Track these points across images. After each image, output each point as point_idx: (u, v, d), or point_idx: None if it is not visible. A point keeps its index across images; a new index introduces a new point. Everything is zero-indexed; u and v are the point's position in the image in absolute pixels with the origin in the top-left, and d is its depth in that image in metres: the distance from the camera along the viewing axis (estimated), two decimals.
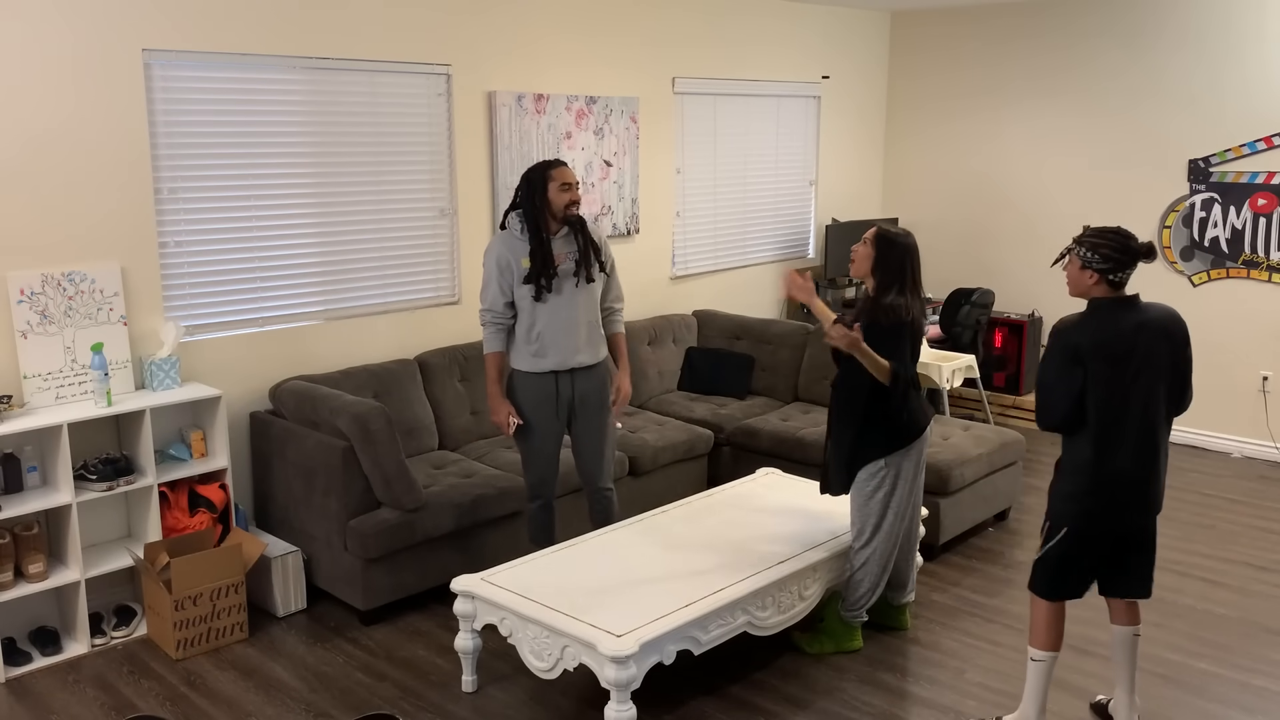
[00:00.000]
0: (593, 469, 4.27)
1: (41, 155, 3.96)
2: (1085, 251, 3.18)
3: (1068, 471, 3.25)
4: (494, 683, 3.81)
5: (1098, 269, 3.16)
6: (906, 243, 3.79)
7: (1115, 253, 3.14)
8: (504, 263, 4.05)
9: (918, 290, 3.82)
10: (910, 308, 3.75)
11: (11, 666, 3.89)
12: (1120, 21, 6.62)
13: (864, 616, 4.01)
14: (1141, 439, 3.17)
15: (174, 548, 4.10)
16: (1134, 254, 3.15)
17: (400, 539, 4.20)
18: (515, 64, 5.43)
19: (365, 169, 4.91)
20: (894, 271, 3.77)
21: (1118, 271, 3.15)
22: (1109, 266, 3.15)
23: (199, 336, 4.48)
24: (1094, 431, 3.16)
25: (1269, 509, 5.58)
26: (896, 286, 3.76)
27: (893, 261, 3.77)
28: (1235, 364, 6.44)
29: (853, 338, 3.60)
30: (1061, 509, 3.26)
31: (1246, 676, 3.87)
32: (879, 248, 3.79)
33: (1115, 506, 3.20)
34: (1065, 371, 3.14)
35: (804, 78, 7.10)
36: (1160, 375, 3.17)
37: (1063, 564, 3.29)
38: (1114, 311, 3.16)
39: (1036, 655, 3.36)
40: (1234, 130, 6.28)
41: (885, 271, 3.78)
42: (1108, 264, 3.15)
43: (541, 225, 4.01)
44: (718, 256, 6.79)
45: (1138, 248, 3.16)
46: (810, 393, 5.89)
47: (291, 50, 4.58)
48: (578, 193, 4.04)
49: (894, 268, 3.77)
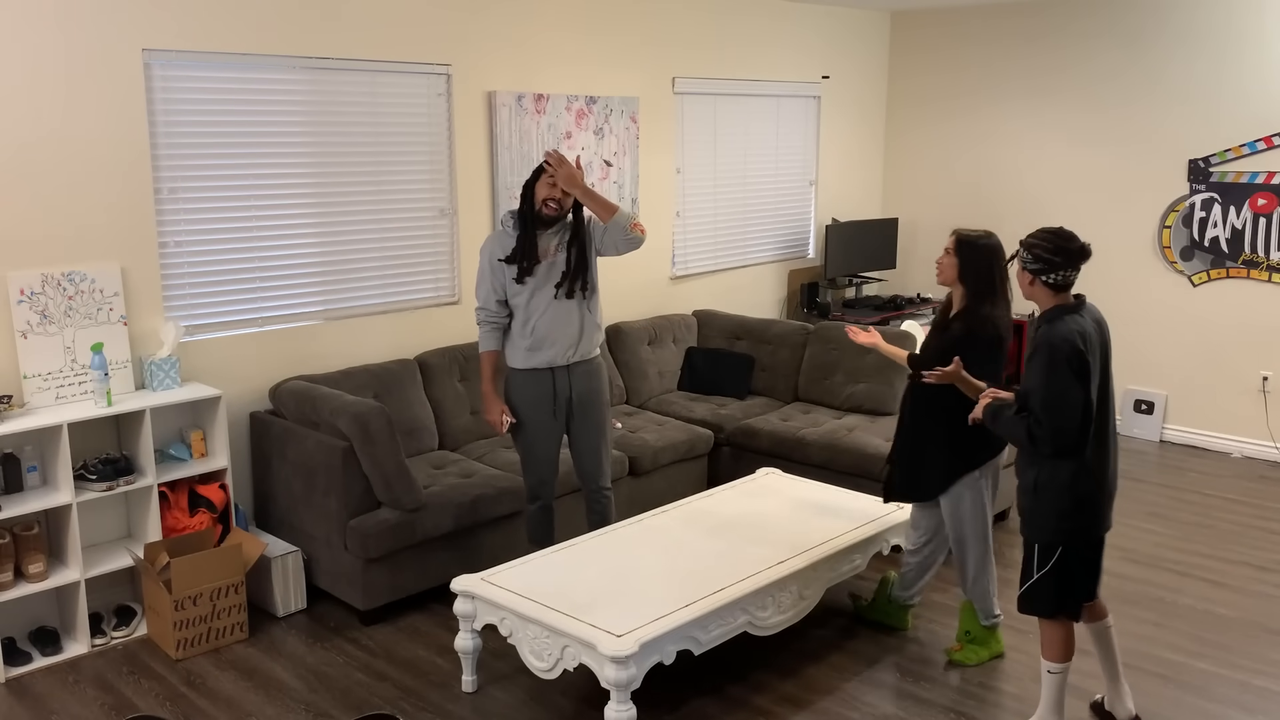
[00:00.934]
0: (591, 468, 4.27)
1: (42, 155, 3.96)
2: (1023, 253, 3.15)
3: (1052, 489, 3.15)
4: (494, 683, 3.81)
5: (1030, 270, 3.13)
6: (989, 244, 3.65)
7: (1048, 254, 3.09)
8: (496, 260, 4.06)
9: (1006, 294, 3.68)
10: (1004, 318, 3.63)
11: (11, 666, 3.89)
12: (1120, 22, 6.62)
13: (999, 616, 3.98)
14: (1111, 443, 3.19)
15: (174, 548, 4.10)
16: (1070, 254, 3.09)
17: (400, 539, 4.20)
18: (515, 64, 5.43)
19: (365, 169, 4.91)
20: (984, 278, 3.63)
21: (1051, 273, 3.10)
22: (1041, 267, 3.11)
23: (199, 336, 4.48)
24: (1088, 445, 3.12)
25: (1269, 509, 5.58)
26: (989, 295, 3.62)
27: (981, 267, 3.63)
28: (1235, 364, 6.44)
29: (952, 374, 3.43)
30: (1056, 527, 3.18)
31: (1246, 676, 3.87)
32: (962, 254, 3.64)
33: (1100, 514, 3.20)
34: (1075, 382, 3.02)
35: (804, 78, 7.10)
36: (1108, 377, 3.17)
37: (1066, 582, 3.24)
38: (1075, 313, 3.11)
39: (1053, 668, 3.34)
40: (1234, 130, 6.28)
41: (976, 279, 3.63)
42: (1039, 264, 3.11)
43: (530, 218, 4.03)
44: (718, 256, 6.79)
45: (1074, 248, 3.10)
46: (810, 393, 5.89)
47: (291, 50, 4.58)
48: (558, 190, 3.99)
49: (983, 274, 3.63)
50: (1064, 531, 3.18)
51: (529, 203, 4.04)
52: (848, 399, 5.69)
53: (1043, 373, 3.04)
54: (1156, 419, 6.75)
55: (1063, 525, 3.17)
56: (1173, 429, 6.74)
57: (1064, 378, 3.01)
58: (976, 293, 3.63)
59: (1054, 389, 3.03)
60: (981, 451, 3.75)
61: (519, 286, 4.04)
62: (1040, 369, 3.05)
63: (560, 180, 3.96)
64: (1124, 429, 6.88)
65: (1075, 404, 3.02)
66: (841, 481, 4.95)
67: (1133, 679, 3.83)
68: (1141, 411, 6.80)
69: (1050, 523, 3.18)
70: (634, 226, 4.02)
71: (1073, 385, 3.02)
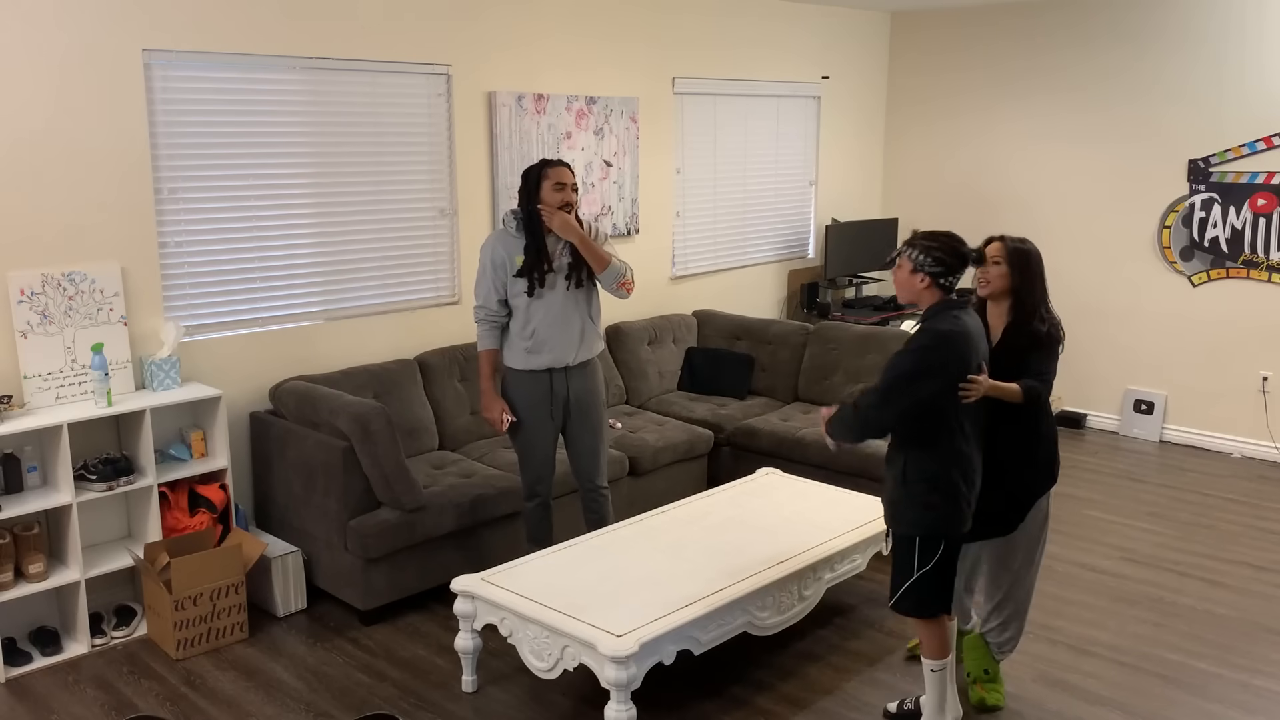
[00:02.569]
0: (588, 468, 4.28)
1: (42, 155, 3.96)
2: (918, 255, 3.15)
3: (921, 482, 3.16)
4: (494, 683, 3.81)
5: (929, 272, 3.14)
6: (1037, 250, 3.52)
7: (948, 256, 3.13)
8: (498, 260, 4.06)
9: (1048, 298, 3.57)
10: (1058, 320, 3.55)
11: (11, 666, 3.89)
12: (1120, 22, 6.62)
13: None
14: (977, 445, 3.23)
15: (174, 548, 4.10)
16: (964, 259, 3.15)
17: (400, 539, 4.20)
18: (515, 64, 5.43)
19: (365, 169, 4.91)
20: (1041, 283, 3.49)
21: (949, 275, 3.14)
22: (941, 270, 3.13)
23: (199, 336, 4.48)
24: (959, 437, 3.15)
25: (1269, 509, 5.58)
26: (1046, 298, 3.50)
27: (1037, 274, 3.49)
28: (1235, 364, 6.44)
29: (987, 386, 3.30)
30: (930, 519, 3.18)
31: (1246, 676, 3.87)
32: (1014, 263, 3.47)
33: (964, 512, 3.22)
34: (922, 379, 3.08)
35: (804, 78, 7.10)
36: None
37: (948, 577, 3.25)
38: (960, 309, 3.17)
39: (936, 666, 3.31)
40: (1234, 130, 6.28)
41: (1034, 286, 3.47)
42: (940, 267, 3.13)
43: (536, 222, 4.02)
44: (718, 256, 6.79)
45: (967, 252, 3.16)
46: (810, 393, 5.89)
47: (291, 50, 4.58)
48: (571, 194, 4.01)
49: (1040, 279, 3.50)
50: (936, 523, 3.19)
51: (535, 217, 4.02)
52: (848, 399, 5.68)
53: (904, 357, 3.11)
54: (1156, 419, 6.75)
55: (933, 517, 3.18)
56: (1172, 429, 6.74)
57: (916, 368, 3.09)
58: (1037, 299, 3.48)
59: (901, 374, 3.09)
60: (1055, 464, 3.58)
61: (520, 284, 4.05)
62: (904, 354, 3.11)
63: (555, 227, 3.97)
64: (1124, 429, 6.88)
65: (910, 397, 3.09)
66: (841, 481, 4.95)
67: (1133, 679, 3.84)
68: (1141, 411, 6.80)
69: (923, 515, 3.19)
70: (622, 285, 4.08)
71: (919, 380, 3.08)
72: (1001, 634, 3.65)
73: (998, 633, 3.65)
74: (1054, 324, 3.50)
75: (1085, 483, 5.98)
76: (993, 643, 3.66)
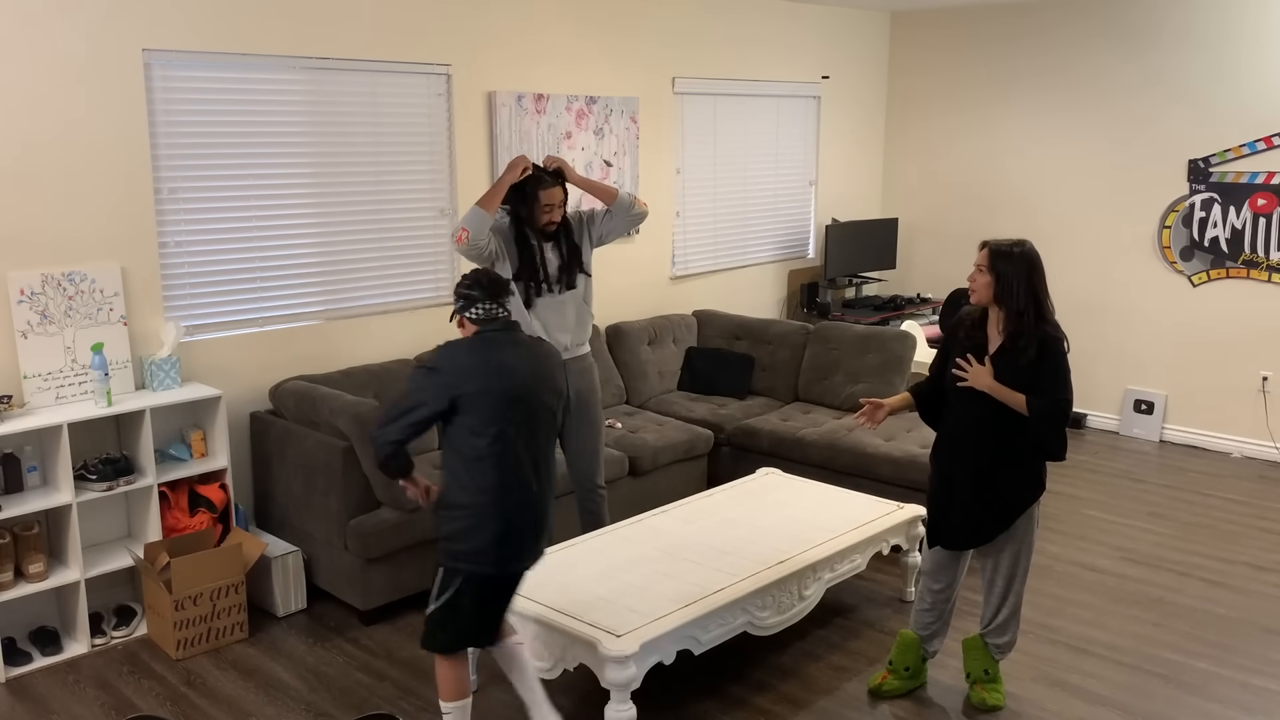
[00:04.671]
0: (585, 468, 4.28)
1: (42, 155, 3.96)
2: (456, 303, 3.11)
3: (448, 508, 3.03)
4: (494, 683, 3.81)
5: (458, 311, 3.10)
6: (1024, 251, 3.34)
7: (464, 290, 3.07)
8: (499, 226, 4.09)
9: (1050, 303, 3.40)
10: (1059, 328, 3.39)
11: (11, 666, 3.89)
12: (1120, 22, 6.62)
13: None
14: (541, 476, 3.08)
15: (174, 548, 4.10)
16: (482, 285, 3.07)
17: (400, 539, 4.21)
18: (515, 64, 5.43)
19: (365, 169, 4.91)
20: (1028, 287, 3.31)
21: (471, 307, 3.06)
22: (462, 304, 3.09)
23: (199, 336, 4.48)
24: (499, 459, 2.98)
25: (1269, 509, 5.58)
26: (1038, 307, 3.33)
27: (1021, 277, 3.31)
28: (1235, 364, 6.44)
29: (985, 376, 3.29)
30: (454, 551, 3.01)
31: (1246, 676, 3.87)
32: (995, 268, 3.33)
33: (510, 547, 3.03)
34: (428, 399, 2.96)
35: (804, 78, 7.10)
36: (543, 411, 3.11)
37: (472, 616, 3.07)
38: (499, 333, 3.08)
39: (451, 708, 3.13)
40: (1234, 130, 6.28)
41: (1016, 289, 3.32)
42: (461, 302, 3.09)
43: (530, 231, 4.08)
44: (718, 256, 6.79)
45: (490, 281, 3.08)
46: (810, 393, 5.89)
47: (291, 50, 4.58)
48: (557, 213, 4.08)
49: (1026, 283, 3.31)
50: (463, 556, 2.99)
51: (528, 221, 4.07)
52: (848, 399, 5.69)
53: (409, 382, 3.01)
54: (1156, 419, 6.75)
55: (460, 549, 3.00)
56: (1172, 429, 6.74)
57: (421, 387, 2.97)
58: (1021, 305, 3.32)
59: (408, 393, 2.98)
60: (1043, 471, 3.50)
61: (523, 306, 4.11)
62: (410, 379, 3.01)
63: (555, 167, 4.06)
64: (1124, 429, 6.88)
65: (410, 419, 2.96)
66: (841, 481, 4.95)
67: (1133, 679, 3.84)
68: (1141, 411, 6.80)
69: (445, 546, 3.03)
70: (636, 202, 4.20)
71: (424, 397, 2.95)
72: (1001, 636, 3.64)
73: (997, 634, 3.64)
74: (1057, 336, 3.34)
75: (1085, 483, 5.98)
76: (993, 644, 3.65)
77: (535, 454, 3.06)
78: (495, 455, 2.97)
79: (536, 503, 3.06)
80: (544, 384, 3.09)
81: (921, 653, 3.72)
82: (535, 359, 3.09)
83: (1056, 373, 3.33)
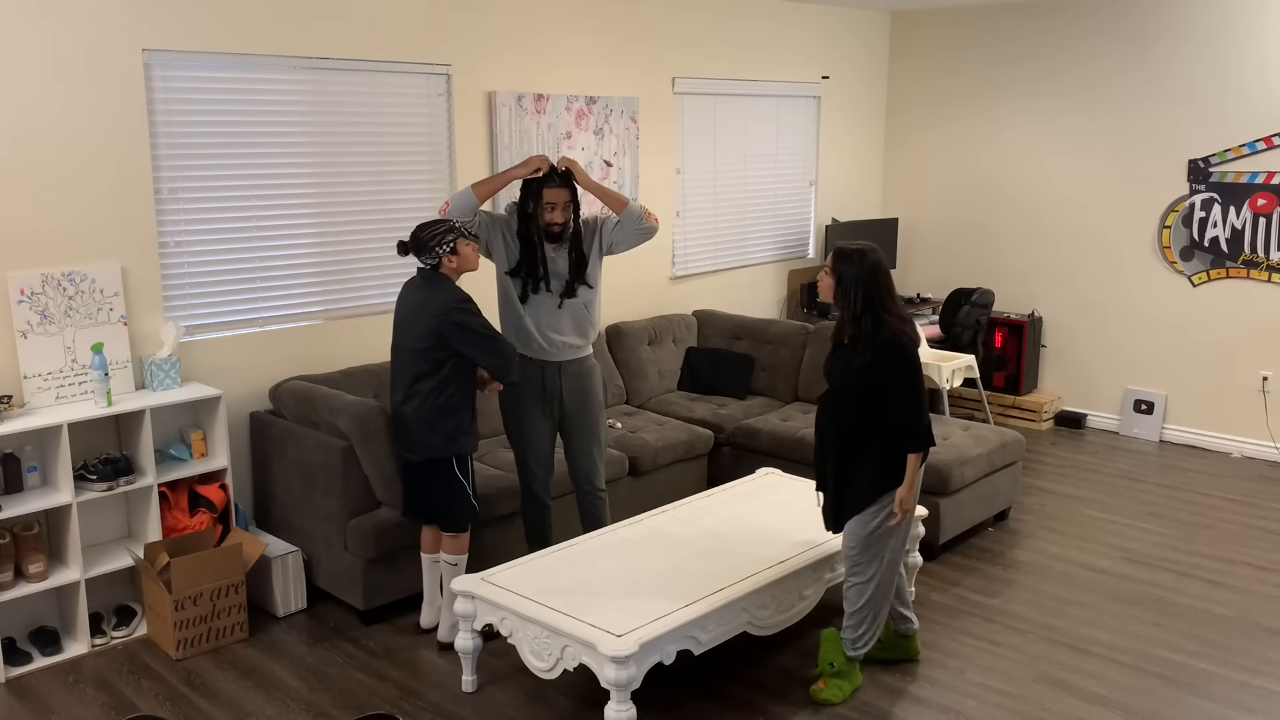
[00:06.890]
0: (585, 469, 4.28)
1: (42, 155, 3.96)
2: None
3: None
4: (494, 683, 3.81)
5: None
6: (865, 253, 3.38)
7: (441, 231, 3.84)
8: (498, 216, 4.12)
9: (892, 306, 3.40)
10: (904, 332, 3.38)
11: (11, 666, 3.89)
12: (1120, 22, 6.62)
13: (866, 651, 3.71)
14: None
15: (174, 548, 4.10)
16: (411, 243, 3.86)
17: (400, 539, 4.20)
18: (515, 64, 5.43)
19: (365, 169, 4.91)
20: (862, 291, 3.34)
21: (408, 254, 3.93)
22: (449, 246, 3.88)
23: (199, 336, 4.48)
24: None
25: (1269, 509, 5.58)
26: (869, 309, 3.36)
27: (857, 280, 3.36)
28: (1235, 364, 6.44)
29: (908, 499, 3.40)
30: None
31: (1246, 676, 3.87)
32: (834, 268, 3.40)
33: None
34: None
35: (804, 78, 7.10)
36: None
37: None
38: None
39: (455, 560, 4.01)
40: (1234, 130, 6.28)
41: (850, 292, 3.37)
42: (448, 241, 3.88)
43: (535, 230, 4.07)
44: (718, 256, 6.79)
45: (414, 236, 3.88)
46: (810, 393, 5.88)
47: (291, 50, 4.58)
48: (559, 214, 4.06)
49: (860, 286, 3.35)
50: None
51: (534, 219, 4.07)
52: None
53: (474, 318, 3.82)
54: (1156, 419, 6.75)
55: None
56: (1172, 429, 6.74)
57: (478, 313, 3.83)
58: (863, 313, 3.36)
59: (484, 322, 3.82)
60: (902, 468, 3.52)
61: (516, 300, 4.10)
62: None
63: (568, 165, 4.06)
64: (1124, 429, 6.88)
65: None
66: None
67: (1133, 679, 3.84)
68: (1141, 411, 6.80)
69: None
70: (647, 215, 4.15)
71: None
72: (854, 631, 3.64)
73: (851, 629, 3.65)
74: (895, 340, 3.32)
75: (1085, 483, 5.98)
76: (844, 639, 3.67)
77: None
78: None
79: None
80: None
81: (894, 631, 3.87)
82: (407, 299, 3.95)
83: (901, 392, 3.37)
